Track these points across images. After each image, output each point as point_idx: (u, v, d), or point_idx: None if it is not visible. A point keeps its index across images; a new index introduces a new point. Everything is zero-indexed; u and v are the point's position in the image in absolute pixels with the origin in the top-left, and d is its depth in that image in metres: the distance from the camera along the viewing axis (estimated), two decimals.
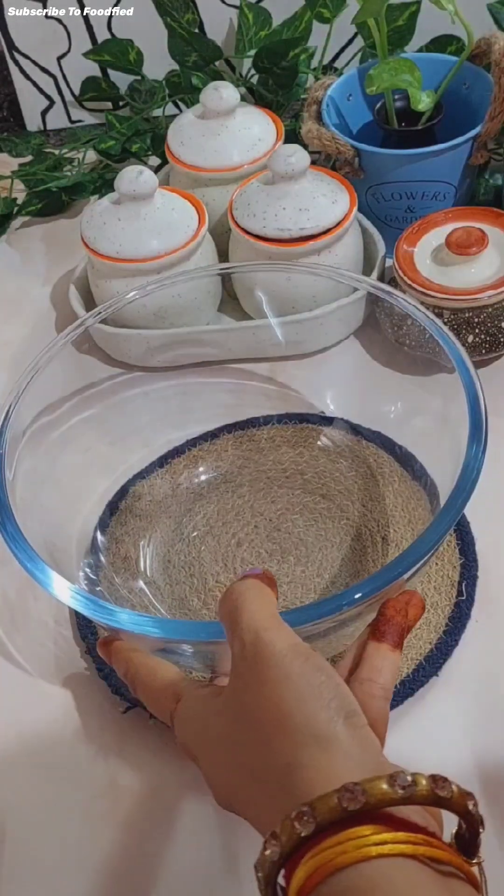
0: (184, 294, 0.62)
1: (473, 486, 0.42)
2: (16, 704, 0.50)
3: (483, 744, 0.46)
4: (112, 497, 0.58)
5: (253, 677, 0.34)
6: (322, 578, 0.52)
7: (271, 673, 0.33)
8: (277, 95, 0.80)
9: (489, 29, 0.70)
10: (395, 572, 0.39)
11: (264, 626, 0.35)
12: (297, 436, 0.60)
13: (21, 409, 0.51)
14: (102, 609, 0.41)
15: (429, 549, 0.40)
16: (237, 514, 0.56)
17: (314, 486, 0.57)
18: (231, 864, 0.43)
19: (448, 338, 0.48)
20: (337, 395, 0.61)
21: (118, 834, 0.45)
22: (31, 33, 0.86)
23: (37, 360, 0.53)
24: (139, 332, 0.63)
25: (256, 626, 0.35)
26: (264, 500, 0.57)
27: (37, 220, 0.82)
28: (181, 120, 0.71)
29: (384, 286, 0.54)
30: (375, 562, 0.52)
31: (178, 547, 0.55)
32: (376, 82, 0.65)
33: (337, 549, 0.53)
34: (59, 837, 0.45)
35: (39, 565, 0.43)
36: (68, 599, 0.41)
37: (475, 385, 0.45)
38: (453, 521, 0.41)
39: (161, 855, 0.44)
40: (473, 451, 0.43)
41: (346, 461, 0.58)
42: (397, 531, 0.53)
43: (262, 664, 0.34)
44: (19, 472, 0.49)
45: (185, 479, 0.58)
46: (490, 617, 0.50)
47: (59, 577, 0.42)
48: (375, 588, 0.39)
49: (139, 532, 0.56)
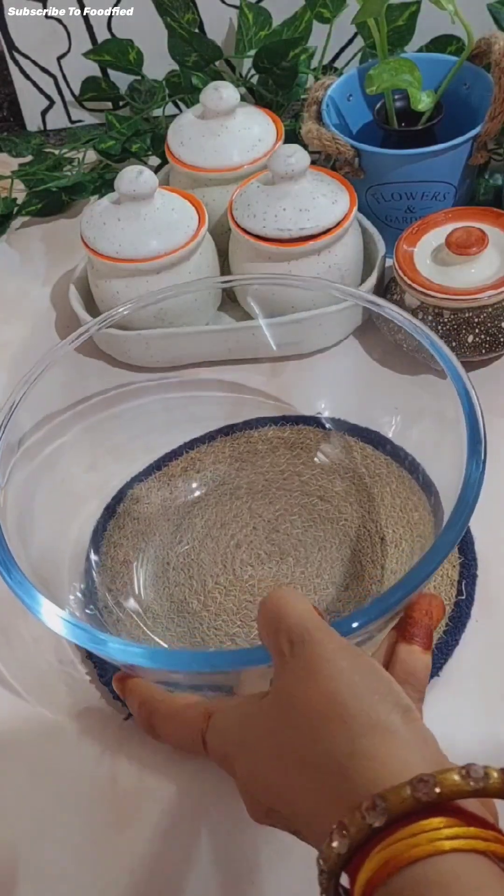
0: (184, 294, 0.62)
1: (475, 503, 0.42)
2: (16, 705, 0.50)
3: (485, 744, 0.46)
4: (109, 501, 0.58)
5: (304, 672, 0.33)
6: (321, 579, 0.52)
7: (324, 669, 0.33)
8: (277, 95, 0.80)
9: (489, 29, 0.69)
10: (396, 596, 0.39)
11: (315, 626, 0.34)
12: (295, 437, 0.59)
13: (19, 417, 0.50)
14: (93, 637, 0.40)
15: (435, 567, 0.40)
16: (235, 515, 0.56)
17: (312, 488, 0.57)
18: (231, 865, 0.43)
19: (445, 354, 0.48)
20: (336, 395, 0.61)
21: (118, 835, 0.45)
22: (31, 33, 0.86)
23: (32, 371, 0.52)
24: (139, 333, 0.63)
25: (306, 625, 0.34)
26: (262, 502, 0.57)
27: (37, 220, 0.82)
28: (181, 120, 0.71)
29: (378, 301, 0.53)
30: (375, 562, 0.52)
31: (176, 549, 0.55)
32: (376, 82, 0.65)
33: (336, 550, 0.53)
34: (59, 839, 0.45)
35: (27, 588, 0.42)
36: (60, 629, 0.40)
37: (473, 401, 0.45)
38: (458, 536, 0.41)
39: (161, 855, 0.44)
40: (473, 468, 0.42)
41: (344, 463, 0.57)
42: (396, 532, 0.53)
43: (314, 661, 0.33)
44: (11, 485, 0.48)
45: (183, 482, 0.58)
46: (490, 616, 0.50)
47: (48, 604, 0.41)
48: (381, 612, 0.39)
49: (138, 535, 0.56)
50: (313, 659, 0.33)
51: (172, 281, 0.63)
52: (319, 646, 0.33)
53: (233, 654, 0.39)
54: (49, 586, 0.46)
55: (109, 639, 0.39)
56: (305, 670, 0.33)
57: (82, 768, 0.47)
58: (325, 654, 0.33)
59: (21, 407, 0.51)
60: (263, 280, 0.62)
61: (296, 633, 0.34)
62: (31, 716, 0.50)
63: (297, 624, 0.34)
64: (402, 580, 0.39)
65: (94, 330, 0.55)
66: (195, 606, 0.52)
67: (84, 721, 0.49)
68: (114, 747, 0.48)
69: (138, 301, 0.58)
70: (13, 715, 0.50)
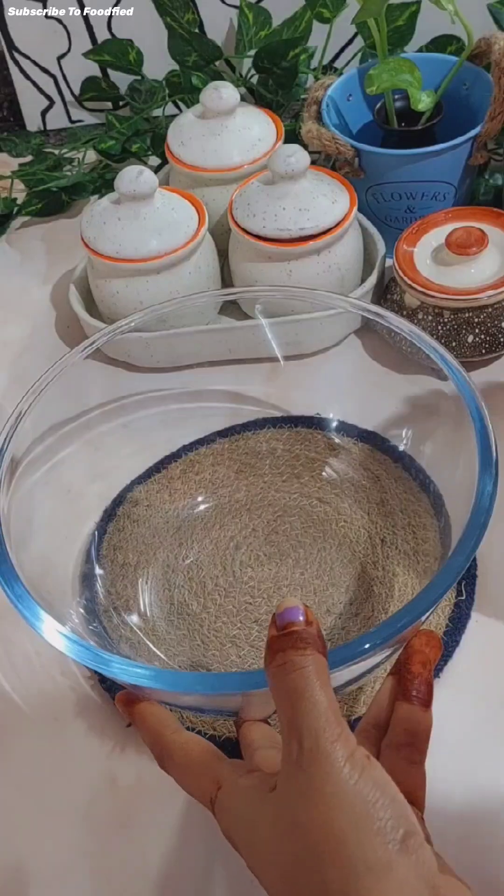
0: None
1: (487, 523, 0.41)
2: (16, 704, 0.50)
3: (485, 744, 0.46)
4: (109, 504, 0.58)
5: (308, 789, 0.33)
6: (321, 580, 0.52)
7: (327, 789, 0.32)
8: (277, 95, 0.80)
9: (489, 29, 0.69)
10: (405, 620, 0.38)
11: (325, 734, 0.33)
12: (294, 438, 0.59)
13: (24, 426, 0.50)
14: (96, 657, 0.39)
15: (444, 591, 0.39)
16: (234, 517, 0.56)
17: (311, 490, 0.57)
18: (232, 864, 0.43)
19: (453, 367, 0.47)
20: (336, 396, 0.61)
21: (118, 834, 0.45)
22: (31, 33, 0.86)
23: (39, 382, 0.52)
24: (140, 334, 0.63)
25: (318, 730, 0.33)
26: (261, 504, 0.57)
27: (37, 220, 0.82)
28: (181, 120, 0.71)
29: (377, 309, 0.52)
30: (375, 564, 0.52)
31: (175, 552, 0.55)
32: (376, 82, 0.65)
33: (336, 552, 0.53)
34: (59, 838, 0.45)
35: (29, 603, 0.41)
36: (62, 646, 0.40)
37: (484, 420, 0.44)
38: (468, 558, 0.40)
39: (161, 856, 0.44)
40: (485, 487, 0.42)
41: (343, 464, 0.57)
42: (397, 533, 0.53)
43: (318, 779, 0.32)
44: (14, 497, 0.48)
45: (182, 484, 0.58)
46: (490, 616, 0.50)
47: (50, 619, 0.41)
48: (388, 636, 0.38)
49: (137, 538, 0.56)
50: (320, 776, 0.32)
51: (172, 281, 0.63)
52: (327, 760, 0.32)
53: (238, 676, 0.39)
54: (51, 597, 0.46)
55: (113, 658, 0.39)
56: (310, 789, 0.33)
57: (82, 768, 0.47)
58: (332, 773, 0.32)
59: (26, 416, 0.50)
60: (267, 293, 0.61)
61: (307, 738, 0.33)
62: (31, 716, 0.50)
63: (308, 727, 0.33)
64: (415, 599, 0.39)
65: (101, 342, 0.54)
66: (195, 608, 0.52)
67: (84, 721, 0.49)
68: (114, 748, 0.48)
69: (145, 313, 0.56)
70: (13, 715, 0.50)
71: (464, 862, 0.36)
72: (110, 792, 0.46)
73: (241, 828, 0.36)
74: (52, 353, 0.68)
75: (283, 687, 0.34)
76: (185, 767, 0.39)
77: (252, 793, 0.36)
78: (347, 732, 0.34)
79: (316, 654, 0.35)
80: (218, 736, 0.47)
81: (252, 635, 0.50)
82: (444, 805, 0.43)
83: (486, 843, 0.43)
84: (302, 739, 0.33)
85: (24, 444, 0.50)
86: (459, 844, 0.42)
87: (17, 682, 0.51)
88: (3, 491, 0.46)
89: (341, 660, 0.37)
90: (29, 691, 0.51)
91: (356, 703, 0.47)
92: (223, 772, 0.38)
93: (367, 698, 0.48)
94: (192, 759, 0.39)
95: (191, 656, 0.50)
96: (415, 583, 0.51)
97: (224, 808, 0.37)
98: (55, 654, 0.50)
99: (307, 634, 0.35)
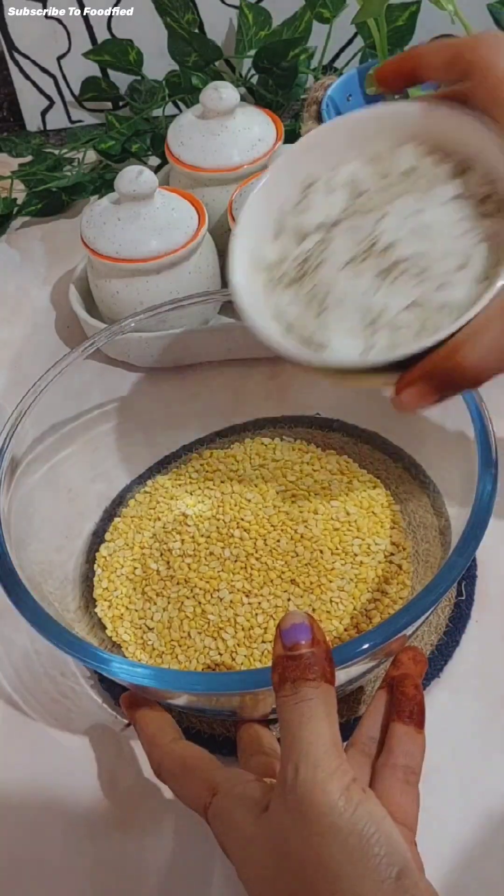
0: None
1: (487, 523, 0.41)
2: (16, 704, 0.50)
3: (484, 744, 0.46)
4: (109, 504, 0.58)
5: (301, 819, 0.32)
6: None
7: (323, 820, 0.32)
8: (277, 95, 0.80)
9: (489, 29, 0.69)
10: (406, 619, 0.38)
11: (323, 765, 0.33)
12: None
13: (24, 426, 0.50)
14: (96, 657, 0.39)
15: (441, 595, 0.39)
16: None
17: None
18: (231, 866, 0.43)
19: None
20: (336, 395, 0.61)
21: (118, 835, 0.45)
22: (31, 33, 0.86)
23: (39, 382, 0.52)
24: (139, 334, 0.63)
25: (317, 759, 0.33)
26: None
27: (37, 220, 0.82)
28: (181, 120, 0.71)
29: None
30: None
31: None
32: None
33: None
34: (59, 838, 0.45)
35: (30, 605, 0.41)
36: (61, 646, 0.40)
37: (485, 420, 0.44)
38: (468, 558, 0.40)
39: (161, 856, 0.44)
40: (485, 487, 0.42)
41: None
42: (398, 531, 0.53)
43: (312, 809, 0.32)
44: (14, 497, 0.48)
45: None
46: (490, 616, 0.50)
47: (49, 619, 0.41)
48: (389, 636, 0.38)
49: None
50: (311, 807, 0.32)
51: (172, 281, 0.63)
52: (322, 792, 0.32)
53: (238, 676, 0.39)
54: (51, 597, 0.46)
55: (113, 658, 0.39)
56: (303, 818, 0.32)
57: (82, 768, 0.47)
58: (326, 806, 0.32)
59: (26, 416, 0.50)
60: None
61: (304, 766, 0.33)
62: (31, 716, 0.50)
63: (309, 756, 0.33)
64: (416, 597, 0.39)
65: (101, 342, 0.54)
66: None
67: (84, 721, 0.49)
68: (114, 748, 0.48)
69: (145, 313, 0.57)
70: (13, 715, 0.50)
71: (463, 862, 0.36)
72: (110, 792, 0.46)
73: (235, 841, 0.35)
74: (52, 353, 0.68)
75: (288, 715, 0.34)
76: (179, 774, 0.39)
77: (246, 805, 0.36)
78: (346, 766, 0.33)
79: (322, 686, 0.34)
80: (217, 736, 0.47)
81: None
82: (443, 805, 0.43)
83: (486, 843, 0.43)
84: (299, 765, 0.33)
85: (24, 444, 0.50)
86: (459, 845, 0.42)
87: (17, 682, 0.51)
88: (3, 491, 0.46)
89: (341, 660, 0.37)
90: (29, 691, 0.51)
91: (356, 703, 0.47)
92: (218, 779, 0.37)
93: (367, 698, 0.48)
94: (188, 767, 0.39)
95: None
96: (414, 583, 0.51)
97: (217, 816, 0.36)
98: (55, 654, 0.51)
99: (315, 660, 0.35)
